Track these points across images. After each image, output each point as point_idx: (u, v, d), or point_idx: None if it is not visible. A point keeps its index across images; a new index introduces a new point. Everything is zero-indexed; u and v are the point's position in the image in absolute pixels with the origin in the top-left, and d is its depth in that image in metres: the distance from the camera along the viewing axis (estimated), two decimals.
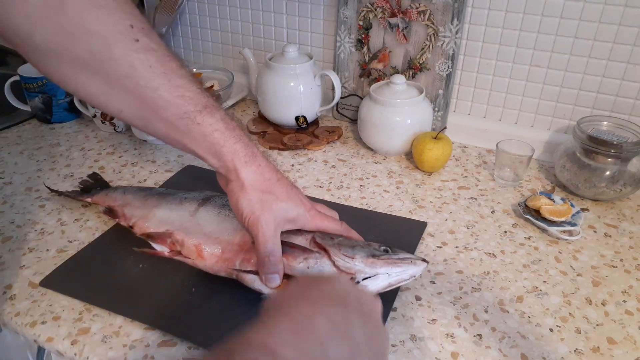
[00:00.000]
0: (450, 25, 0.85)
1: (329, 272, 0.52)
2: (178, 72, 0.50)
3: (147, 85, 0.48)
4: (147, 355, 0.51)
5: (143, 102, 0.49)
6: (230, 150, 0.52)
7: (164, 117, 0.50)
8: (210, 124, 0.51)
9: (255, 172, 0.53)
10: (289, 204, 0.54)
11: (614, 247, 0.67)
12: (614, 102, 0.80)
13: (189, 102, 0.50)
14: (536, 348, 0.52)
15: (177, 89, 0.50)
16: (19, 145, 0.92)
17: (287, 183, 0.56)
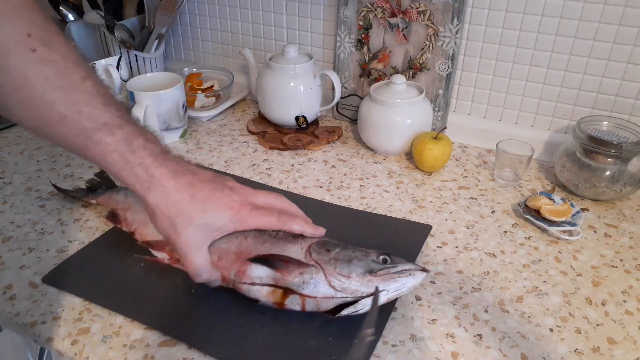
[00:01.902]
0: (450, 25, 0.85)
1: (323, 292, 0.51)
2: (79, 86, 0.46)
3: (41, 99, 0.45)
4: (147, 355, 0.51)
5: (39, 115, 0.46)
6: (130, 174, 0.49)
7: (61, 132, 0.47)
8: (109, 143, 0.47)
9: (161, 197, 0.49)
10: (209, 217, 0.51)
11: (614, 247, 0.67)
12: (614, 102, 0.80)
13: (86, 118, 0.46)
14: (536, 348, 0.52)
15: (76, 104, 0.46)
16: (19, 145, 0.92)
17: (204, 195, 0.51)
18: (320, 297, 0.51)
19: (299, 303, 0.52)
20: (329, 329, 0.53)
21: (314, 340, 0.52)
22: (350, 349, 0.50)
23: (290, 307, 0.52)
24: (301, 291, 0.51)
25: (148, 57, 1.05)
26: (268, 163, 0.87)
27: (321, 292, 0.51)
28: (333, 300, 0.51)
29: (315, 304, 0.52)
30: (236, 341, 0.52)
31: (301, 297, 0.52)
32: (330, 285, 0.51)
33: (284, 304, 0.52)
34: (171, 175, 0.50)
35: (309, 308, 0.52)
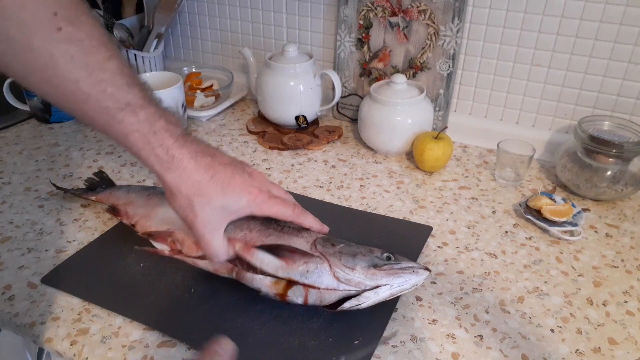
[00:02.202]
0: (451, 24, 0.84)
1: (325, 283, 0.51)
2: (104, 65, 0.47)
3: (67, 77, 0.46)
4: (147, 355, 0.51)
5: (64, 93, 0.47)
6: (151, 154, 0.50)
7: (85, 110, 0.48)
8: (131, 123, 0.48)
9: (181, 177, 0.50)
10: (227, 200, 0.51)
11: (615, 248, 0.67)
12: (615, 102, 0.80)
13: (110, 98, 0.48)
14: (537, 349, 0.52)
15: (100, 83, 0.47)
16: (18, 145, 0.91)
17: (224, 177, 0.52)
18: (323, 288, 0.51)
19: (302, 295, 0.52)
20: (329, 330, 0.53)
21: (313, 340, 0.51)
22: (350, 350, 0.50)
23: (293, 299, 0.52)
24: (304, 281, 0.51)
25: (147, 57, 1.05)
26: (268, 163, 0.86)
27: (325, 282, 0.51)
28: (336, 293, 0.51)
29: (318, 296, 0.52)
30: (236, 341, 0.51)
31: (305, 288, 0.52)
32: (334, 276, 0.51)
33: (286, 296, 0.52)
34: (191, 156, 0.50)
35: (311, 300, 0.52)
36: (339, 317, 0.54)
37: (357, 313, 0.54)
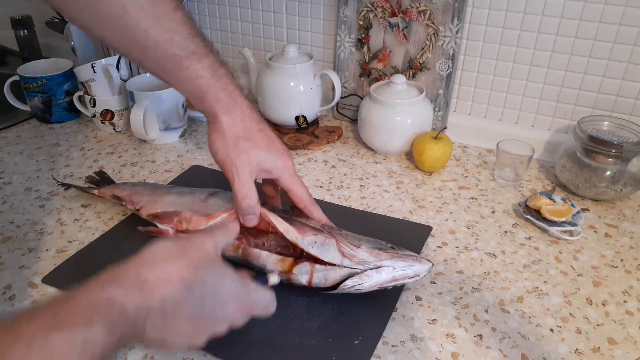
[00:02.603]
0: (451, 24, 0.84)
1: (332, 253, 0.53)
2: (170, 16, 0.51)
3: (137, 26, 0.49)
4: (147, 355, 0.51)
5: (133, 41, 0.51)
6: (213, 97, 0.53)
7: (153, 57, 0.52)
8: (196, 69, 0.52)
9: (235, 120, 0.54)
10: (268, 154, 0.55)
11: (615, 247, 0.67)
12: (614, 102, 0.80)
13: (177, 46, 0.51)
14: (537, 348, 0.52)
15: (167, 32, 0.50)
16: (19, 145, 0.92)
17: (269, 135, 0.56)
18: (328, 262, 0.53)
19: (307, 272, 0.53)
20: (329, 329, 0.53)
21: (314, 340, 0.52)
22: (350, 349, 0.50)
23: (298, 278, 0.53)
24: (311, 250, 0.53)
25: None
26: None
27: (330, 256, 0.53)
28: (340, 270, 0.52)
29: (323, 273, 0.53)
30: (236, 340, 0.52)
31: (310, 264, 0.53)
32: (340, 251, 0.53)
33: (291, 273, 0.53)
34: (249, 106, 0.56)
35: (316, 279, 0.53)
36: (339, 316, 0.54)
37: (357, 312, 0.55)
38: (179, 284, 0.39)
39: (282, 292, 0.56)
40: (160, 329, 0.39)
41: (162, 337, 0.40)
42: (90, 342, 0.33)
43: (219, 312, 0.43)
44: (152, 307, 0.38)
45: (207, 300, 0.41)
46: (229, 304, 0.43)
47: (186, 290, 0.39)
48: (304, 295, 0.57)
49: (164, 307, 0.38)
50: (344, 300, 0.56)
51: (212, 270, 0.43)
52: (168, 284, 0.39)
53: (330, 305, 0.56)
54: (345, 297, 0.56)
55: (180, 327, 0.40)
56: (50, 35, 1.23)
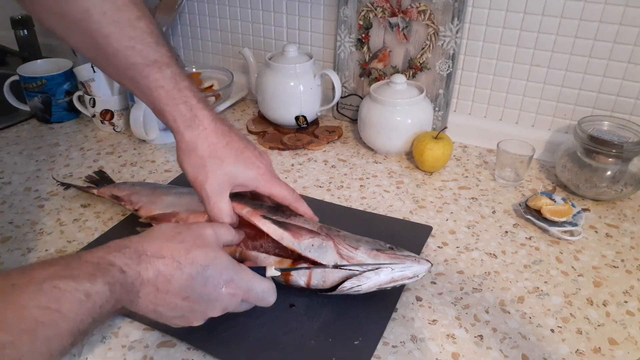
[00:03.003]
0: (451, 24, 0.84)
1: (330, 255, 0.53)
2: (133, 23, 0.50)
3: (98, 31, 0.49)
4: (146, 356, 0.51)
5: (96, 46, 0.50)
6: (174, 110, 0.52)
7: (115, 64, 0.51)
8: (157, 79, 0.51)
9: (199, 137, 0.53)
10: (237, 167, 0.54)
11: (615, 248, 0.67)
12: (614, 102, 0.80)
13: (138, 55, 0.51)
14: (537, 349, 0.52)
15: (129, 39, 0.50)
16: (18, 145, 0.91)
17: (238, 146, 0.54)
18: (327, 265, 0.52)
19: (306, 274, 0.53)
20: (329, 330, 0.53)
21: (314, 340, 0.51)
22: (350, 350, 0.50)
23: (296, 280, 0.53)
24: (308, 254, 0.53)
25: None
26: None
27: (328, 258, 0.52)
28: (339, 272, 0.52)
29: (322, 275, 0.52)
30: (236, 340, 0.52)
31: (309, 265, 0.53)
32: (338, 253, 0.53)
33: (290, 275, 0.53)
34: (212, 119, 0.53)
35: (315, 281, 0.53)
36: (339, 317, 0.54)
37: (357, 313, 0.55)
38: (169, 261, 0.43)
39: (282, 293, 0.56)
40: (154, 301, 0.43)
41: (155, 309, 0.44)
42: (93, 295, 0.38)
43: (210, 293, 0.45)
44: (147, 279, 0.42)
45: (197, 279, 0.44)
46: (222, 286, 0.45)
47: (176, 267, 0.43)
48: (303, 296, 0.57)
49: (156, 281, 0.43)
50: (344, 301, 0.56)
51: (205, 252, 0.45)
52: (160, 259, 0.43)
53: (330, 306, 0.56)
54: (344, 298, 0.55)
55: (172, 302, 0.44)
56: (50, 35, 1.22)
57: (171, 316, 0.45)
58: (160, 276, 0.43)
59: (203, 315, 0.47)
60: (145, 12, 0.52)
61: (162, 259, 0.43)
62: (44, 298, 0.35)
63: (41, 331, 0.35)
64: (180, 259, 0.44)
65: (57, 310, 0.36)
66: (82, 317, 0.37)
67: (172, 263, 0.43)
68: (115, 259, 0.41)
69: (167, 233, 0.46)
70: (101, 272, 0.40)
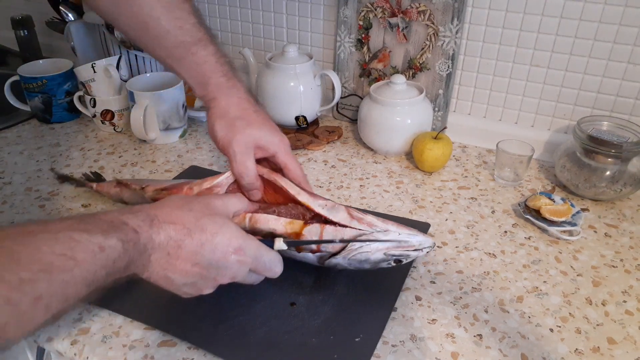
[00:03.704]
0: (451, 25, 0.85)
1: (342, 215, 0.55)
2: (180, 5, 0.57)
3: (149, 14, 0.55)
4: (147, 355, 0.51)
5: (145, 28, 0.56)
6: (216, 82, 0.58)
7: (164, 44, 0.57)
8: (203, 55, 0.58)
9: (233, 103, 0.59)
10: (262, 131, 0.59)
11: (614, 247, 0.67)
12: (614, 102, 0.80)
13: (186, 34, 0.57)
14: (536, 348, 0.52)
15: (177, 20, 0.56)
16: (19, 145, 0.92)
17: (264, 116, 0.60)
18: (337, 223, 0.54)
19: (317, 233, 0.54)
20: (331, 328, 0.53)
21: (315, 338, 0.52)
22: (351, 348, 0.50)
23: (308, 241, 0.54)
24: (321, 211, 0.55)
25: (148, 57, 1.05)
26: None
27: (339, 216, 0.54)
28: (350, 231, 0.54)
29: (332, 234, 0.54)
30: (237, 339, 0.52)
31: (321, 225, 0.54)
32: (349, 213, 0.55)
33: (301, 234, 0.54)
34: (246, 90, 0.61)
35: (327, 237, 0.54)
36: (339, 315, 0.54)
37: (357, 310, 0.55)
38: (180, 227, 0.45)
39: (282, 291, 0.57)
40: (164, 266, 0.45)
41: (166, 274, 0.45)
42: (106, 248, 0.39)
43: (219, 260, 0.46)
44: (159, 243, 0.44)
45: (206, 246, 0.45)
46: (230, 253, 0.47)
47: (186, 233, 0.45)
48: (304, 295, 0.57)
49: (167, 246, 0.44)
50: (345, 298, 0.56)
51: (213, 221, 0.47)
52: (171, 225, 0.45)
53: (331, 303, 0.56)
54: (345, 295, 0.56)
55: (183, 268, 0.45)
56: (50, 35, 1.23)
57: (182, 283, 0.46)
58: (171, 241, 0.44)
59: (213, 282, 0.48)
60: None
61: (173, 224, 0.45)
62: (59, 246, 0.37)
63: (57, 274, 0.36)
64: (190, 226, 0.45)
65: (71, 258, 0.37)
66: (95, 268, 0.39)
67: (182, 229, 0.45)
68: (129, 220, 0.43)
69: (177, 202, 0.48)
70: (114, 229, 0.41)
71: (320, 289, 0.58)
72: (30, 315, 0.35)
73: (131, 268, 0.43)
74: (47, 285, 0.35)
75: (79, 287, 0.38)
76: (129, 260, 0.42)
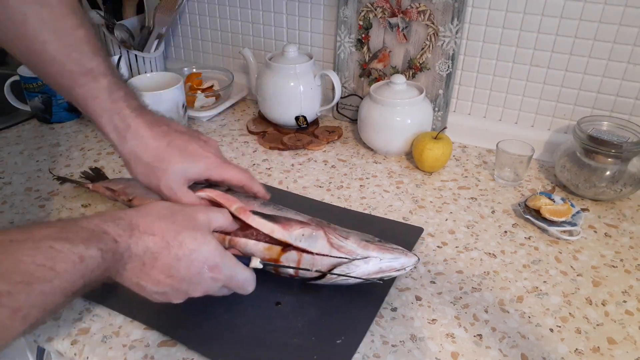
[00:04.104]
0: (451, 25, 0.85)
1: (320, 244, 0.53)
2: (71, 32, 0.51)
3: (35, 38, 0.49)
4: (147, 355, 0.51)
5: (32, 53, 0.51)
6: (108, 123, 0.52)
7: (51, 72, 0.52)
8: (92, 89, 0.51)
9: (138, 145, 0.53)
10: (184, 165, 0.54)
11: (614, 247, 0.67)
12: (614, 102, 0.80)
13: (74, 63, 0.51)
14: (536, 348, 0.52)
15: (66, 47, 0.50)
16: (19, 145, 0.92)
17: (180, 143, 0.54)
18: (316, 253, 0.53)
19: (295, 260, 0.53)
20: (313, 329, 0.53)
21: (297, 339, 0.52)
22: (332, 349, 0.50)
23: (285, 265, 0.53)
24: (299, 244, 0.53)
25: (148, 57, 1.05)
26: (268, 163, 0.87)
27: (318, 247, 0.53)
28: (328, 259, 0.53)
29: (311, 261, 0.53)
30: (220, 337, 0.52)
31: (298, 253, 0.53)
32: (328, 242, 0.53)
33: (279, 261, 0.54)
34: (147, 125, 0.53)
35: (304, 265, 0.53)
36: (324, 316, 0.54)
37: (342, 312, 0.55)
38: (159, 239, 0.45)
39: (268, 290, 0.57)
40: (138, 274, 0.45)
41: (139, 282, 0.45)
42: (86, 259, 0.39)
43: (193, 276, 0.46)
44: (136, 253, 0.44)
45: (182, 261, 0.45)
46: (206, 271, 0.46)
47: (164, 246, 0.45)
48: (290, 295, 0.57)
49: (143, 257, 0.44)
50: (331, 300, 0.56)
51: (193, 236, 0.46)
52: (151, 237, 0.44)
53: (316, 304, 0.56)
54: (331, 297, 0.56)
55: (156, 278, 0.45)
56: None
57: (153, 291, 0.46)
58: (148, 252, 0.44)
59: (184, 294, 0.48)
60: (85, 22, 0.52)
61: (153, 236, 0.45)
62: (40, 256, 0.37)
63: (37, 285, 0.36)
64: (169, 239, 0.45)
65: (51, 269, 0.37)
66: (74, 278, 0.39)
67: (161, 242, 0.45)
68: (110, 229, 0.43)
69: (161, 211, 0.47)
70: (95, 238, 0.41)
71: (307, 290, 0.58)
72: (8, 327, 0.35)
73: (107, 274, 0.43)
74: (26, 296, 0.35)
75: (57, 297, 0.38)
76: (106, 268, 0.42)
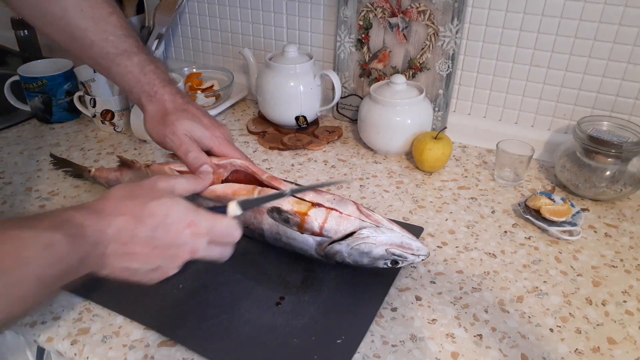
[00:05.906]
0: (451, 25, 0.85)
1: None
2: (107, 18, 0.61)
3: (77, 26, 0.59)
4: (147, 355, 0.51)
5: (74, 40, 0.61)
6: (140, 91, 0.62)
7: (90, 54, 0.61)
8: (126, 66, 0.61)
9: (158, 108, 0.62)
10: (194, 124, 0.61)
11: (614, 247, 0.67)
12: (614, 102, 0.80)
13: (111, 45, 0.61)
14: (536, 348, 0.52)
15: (103, 32, 0.60)
16: (19, 145, 0.92)
17: (195, 112, 0.62)
18: (345, 213, 0.55)
19: (322, 216, 0.55)
20: (313, 329, 0.53)
21: (297, 339, 0.52)
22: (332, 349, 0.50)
23: (311, 223, 0.55)
24: (330, 205, 0.56)
25: None
26: (268, 163, 0.87)
27: (348, 209, 0.56)
28: (354, 222, 0.55)
29: (337, 220, 0.55)
30: (220, 337, 0.52)
31: (327, 210, 0.56)
32: (358, 209, 0.57)
33: (306, 215, 0.55)
34: (171, 94, 0.63)
35: (329, 225, 0.55)
36: (324, 315, 0.54)
37: (342, 312, 0.55)
38: (129, 217, 0.45)
39: (269, 290, 0.57)
40: (122, 257, 0.45)
41: (127, 266, 0.46)
42: (55, 244, 0.39)
43: (174, 237, 0.47)
44: (112, 235, 0.44)
45: (159, 228, 0.46)
46: (183, 228, 0.47)
47: (136, 222, 0.45)
48: (290, 294, 0.57)
49: (120, 237, 0.44)
50: (331, 300, 0.56)
51: (160, 202, 0.47)
52: (119, 216, 0.45)
53: (317, 304, 0.56)
54: (331, 297, 0.56)
55: (142, 254, 0.45)
56: None
57: (146, 270, 0.46)
58: (123, 232, 0.44)
59: (176, 260, 0.48)
60: (116, 8, 0.62)
61: (122, 216, 0.45)
62: (4, 246, 0.37)
63: (0, 277, 0.36)
64: (139, 214, 0.46)
65: (16, 256, 0.37)
66: (44, 266, 0.38)
67: (131, 219, 0.45)
68: (72, 216, 0.43)
69: (120, 193, 0.48)
70: (59, 225, 0.41)
71: (307, 289, 0.58)
72: None
73: (87, 264, 0.43)
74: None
75: (27, 286, 0.37)
76: (82, 256, 0.42)
